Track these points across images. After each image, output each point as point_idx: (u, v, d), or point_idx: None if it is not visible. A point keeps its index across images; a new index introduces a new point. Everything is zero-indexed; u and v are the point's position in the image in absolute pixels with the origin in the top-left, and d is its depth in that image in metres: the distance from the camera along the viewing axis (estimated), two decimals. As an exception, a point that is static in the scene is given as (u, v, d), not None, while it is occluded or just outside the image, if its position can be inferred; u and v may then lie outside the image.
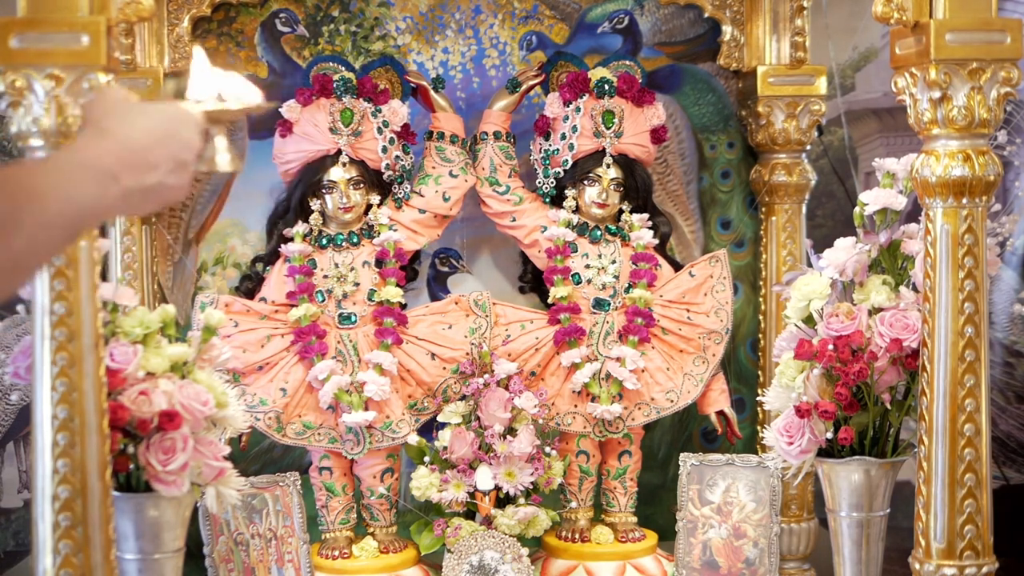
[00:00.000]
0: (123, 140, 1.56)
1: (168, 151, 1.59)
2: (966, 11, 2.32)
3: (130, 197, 1.55)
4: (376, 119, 2.88)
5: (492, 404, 2.81)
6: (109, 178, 1.52)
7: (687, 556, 2.87)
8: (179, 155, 1.61)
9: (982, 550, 2.38)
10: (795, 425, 2.47)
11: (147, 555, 2.32)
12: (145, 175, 1.56)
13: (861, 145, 3.79)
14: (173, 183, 1.60)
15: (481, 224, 3.10)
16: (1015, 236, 3.57)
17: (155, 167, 1.57)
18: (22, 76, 2.09)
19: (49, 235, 1.47)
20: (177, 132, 1.62)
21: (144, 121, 1.60)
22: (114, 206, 1.55)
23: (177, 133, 1.62)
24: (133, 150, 1.56)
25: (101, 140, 1.56)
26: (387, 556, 2.88)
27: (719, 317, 2.97)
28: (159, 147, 1.58)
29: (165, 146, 1.59)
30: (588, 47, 3.18)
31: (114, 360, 2.23)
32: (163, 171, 1.58)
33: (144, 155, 1.57)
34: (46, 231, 1.46)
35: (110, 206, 1.55)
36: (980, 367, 2.36)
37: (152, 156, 1.57)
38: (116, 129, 1.58)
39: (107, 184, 1.52)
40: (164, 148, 1.59)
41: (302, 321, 2.83)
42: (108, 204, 1.54)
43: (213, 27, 3.07)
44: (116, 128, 1.58)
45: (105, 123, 1.59)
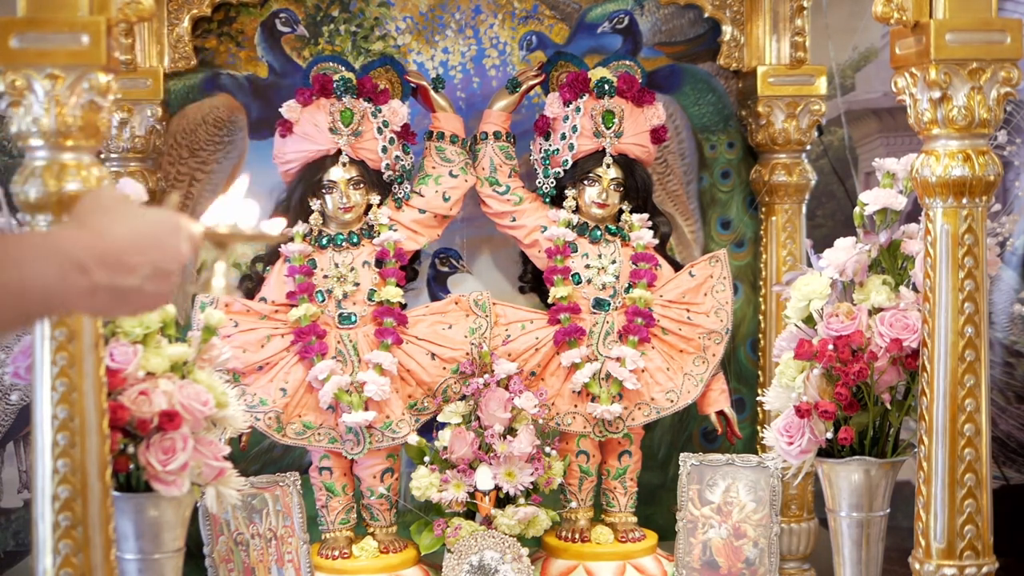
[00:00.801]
0: (103, 236, 1.51)
1: (149, 257, 1.53)
2: (966, 11, 2.32)
3: (99, 294, 1.49)
4: (376, 119, 2.88)
5: (492, 404, 2.81)
6: (76, 268, 1.47)
7: (687, 556, 2.87)
8: (161, 263, 1.54)
9: (982, 550, 2.39)
10: (795, 425, 2.47)
11: (147, 555, 2.32)
12: (119, 276, 1.50)
13: (861, 145, 3.79)
14: (152, 290, 1.54)
15: (481, 224, 3.10)
16: (1015, 236, 3.57)
17: (132, 270, 1.51)
18: (22, 76, 2.09)
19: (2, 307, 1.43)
20: (163, 239, 1.56)
21: (130, 222, 1.54)
22: (81, 299, 1.49)
23: (162, 241, 1.56)
24: (111, 248, 1.50)
25: (78, 231, 1.52)
26: (387, 556, 2.88)
27: (719, 317, 2.97)
28: (139, 251, 1.52)
29: (145, 251, 1.53)
30: (588, 47, 3.18)
31: (114, 360, 2.23)
32: (141, 276, 1.52)
33: (121, 255, 1.51)
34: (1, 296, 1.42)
35: (75, 297, 1.48)
36: (980, 367, 2.36)
37: (130, 258, 1.51)
38: (97, 224, 1.53)
39: (71, 273, 1.46)
40: (144, 253, 1.53)
41: (302, 321, 2.83)
42: (73, 294, 1.48)
43: (213, 27, 3.07)
44: (97, 224, 1.53)
45: (89, 217, 1.54)
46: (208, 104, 3.09)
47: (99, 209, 1.56)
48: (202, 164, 3.10)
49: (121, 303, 1.53)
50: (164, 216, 1.59)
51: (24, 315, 1.48)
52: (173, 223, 1.59)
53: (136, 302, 1.54)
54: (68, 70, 2.10)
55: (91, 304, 1.51)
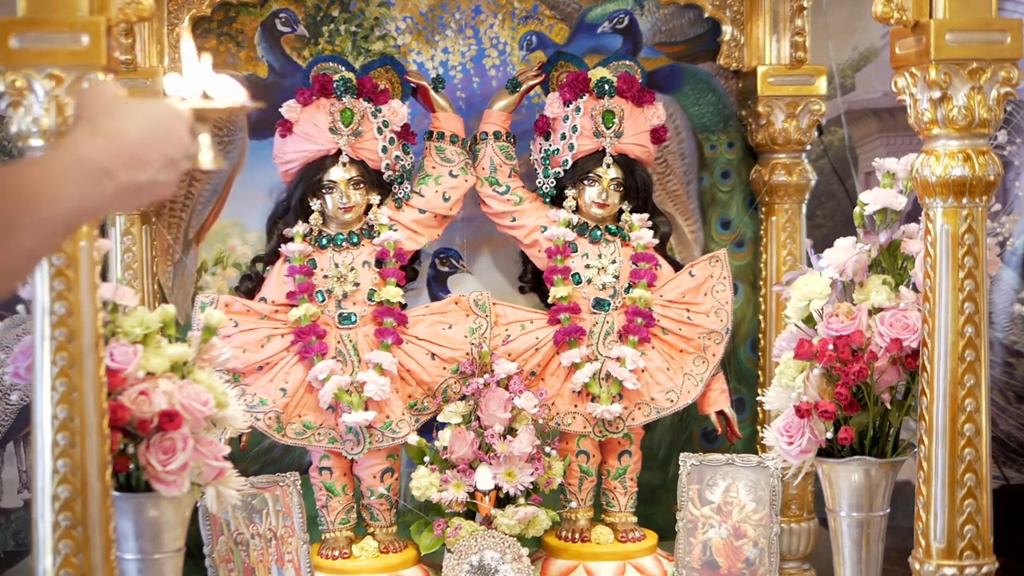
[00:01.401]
0: (118, 137, 1.58)
1: (161, 148, 1.61)
2: (966, 11, 2.32)
3: (124, 193, 1.57)
4: (376, 119, 2.88)
5: (492, 404, 2.81)
6: (104, 175, 1.54)
7: (687, 556, 2.87)
8: (171, 152, 1.62)
9: (982, 550, 2.38)
10: (795, 425, 2.47)
11: (147, 555, 2.32)
12: (139, 172, 1.58)
13: (861, 145, 3.79)
14: (164, 180, 1.62)
15: (481, 224, 3.10)
16: (1015, 236, 3.57)
17: (148, 164, 1.59)
18: (22, 76, 2.09)
19: (47, 233, 1.49)
20: (169, 130, 1.63)
21: (137, 118, 1.61)
22: (109, 202, 1.57)
23: (169, 131, 1.63)
24: (128, 147, 1.57)
25: (95, 137, 1.57)
26: (387, 556, 2.88)
27: (719, 317, 2.97)
28: (152, 144, 1.60)
29: (158, 143, 1.61)
30: (588, 47, 3.18)
31: (114, 360, 2.23)
32: (155, 168, 1.60)
33: (138, 152, 1.58)
34: (44, 230, 1.48)
35: (106, 202, 1.57)
36: (980, 367, 2.36)
37: (146, 153, 1.59)
38: (110, 126, 1.59)
39: (102, 181, 1.54)
40: (157, 146, 1.60)
41: (302, 321, 2.83)
42: (103, 200, 1.56)
43: (213, 27, 3.07)
44: (110, 125, 1.59)
45: (99, 120, 1.60)
46: (208, 104, 3.09)
47: (104, 110, 1.62)
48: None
49: (140, 196, 1.61)
50: (163, 106, 1.66)
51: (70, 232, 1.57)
52: (173, 112, 1.66)
53: (151, 193, 1.62)
54: (68, 70, 2.10)
55: (118, 204, 1.60)
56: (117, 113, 1.61)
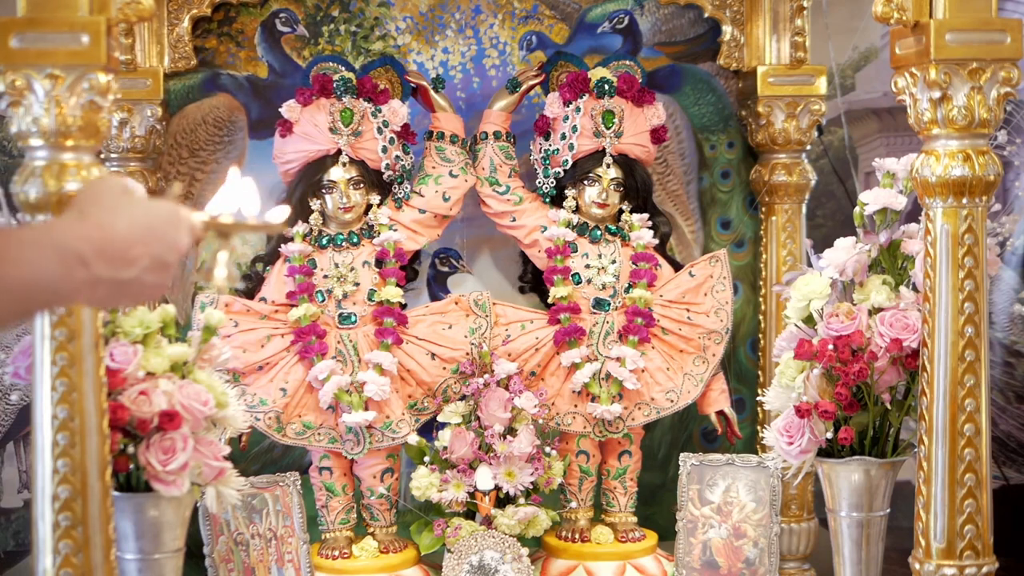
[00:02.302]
0: (102, 228, 1.51)
1: (149, 248, 1.53)
2: (966, 11, 2.32)
3: (99, 287, 1.50)
4: (376, 119, 2.88)
5: (492, 404, 2.81)
6: (77, 261, 1.47)
7: (687, 556, 2.87)
8: (161, 255, 1.54)
9: (982, 550, 2.38)
10: (795, 425, 2.47)
11: (147, 555, 2.32)
12: (120, 268, 1.50)
13: (861, 145, 3.79)
14: (151, 281, 1.54)
15: (481, 224, 3.10)
16: (1015, 236, 3.57)
17: (132, 262, 1.51)
18: (22, 76, 2.09)
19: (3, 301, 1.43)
20: (163, 231, 1.55)
21: (130, 214, 1.54)
22: (80, 291, 1.49)
23: (163, 232, 1.55)
24: (112, 240, 1.50)
25: (79, 224, 1.51)
26: (387, 556, 2.88)
27: (719, 317, 2.97)
28: (140, 243, 1.52)
29: (146, 243, 1.53)
30: (588, 47, 3.18)
31: (114, 360, 2.23)
32: (140, 268, 1.52)
33: (122, 247, 1.51)
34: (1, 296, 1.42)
35: (75, 290, 1.49)
36: (980, 367, 2.36)
37: (131, 250, 1.51)
38: (98, 216, 1.52)
39: (73, 267, 1.47)
40: (145, 245, 1.53)
41: (302, 321, 2.83)
42: (73, 288, 1.48)
43: (213, 27, 3.07)
44: (98, 215, 1.52)
45: (89, 209, 1.54)
46: (208, 104, 3.09)
47: (99, 200, 1.56)
48: (202, 164, 3.10)
49: (120, 294, 1.54)
50: (164, 207, 1.59)
51: (27, 309, 1.48)
52: (173, 214, 1.58)
53: (135, 293, 1.54)
54: (68, 70, 2.10)
55: (91, 296, 1.51)
56: (110, 205, 1.54)
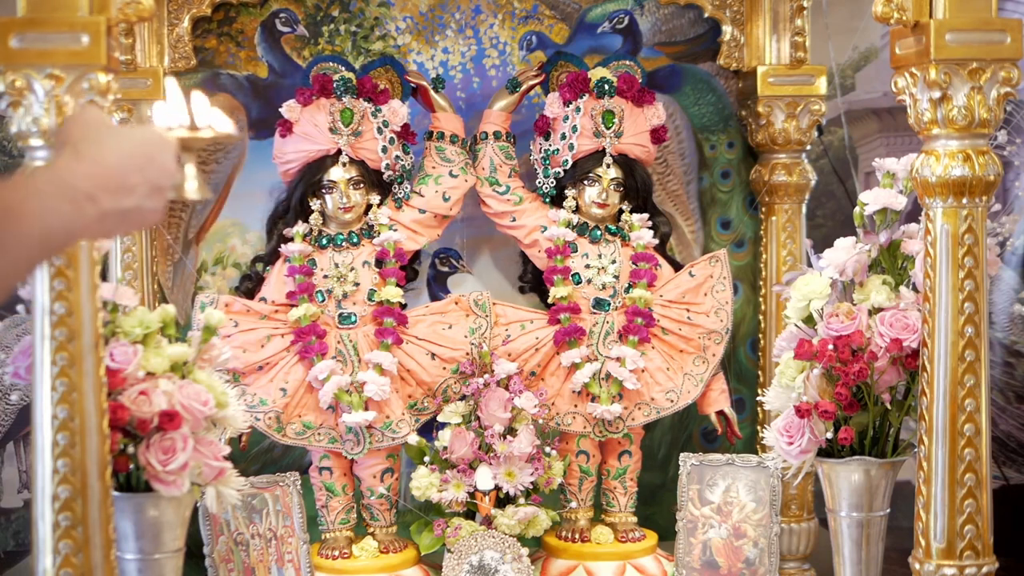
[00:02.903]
0: (101, 163, 1.56)
1: (145, 175, 1.59)
2: (966, 11, 2.32)
3: (106, 219, 1.55)
4: (376, 119, 2.88)
5: (492, 404, 2.81)
6: (86, 200, 1.52)
7: (687, 556, 2.87)
8: (156, 179, 1.61)
9: (982, 550, 2.38)
10: (795, 425, 2.47)
11: (147, 555, 2.32)
12: (122, 198, 1.56)
13: (861, 145, 3.79)
14: (149, 207, 1.60)
15: (481, 224, 3.10)
16: (1015, 236, 3.57)
17: (132, 190, 1.57)
18: (22, 76, 2.09)
19: (26, 254, 1.48)
20: (154, 156, 1.62)
21: (122, 144, 1.60)
22: (90, 227, 1.55)
23: (154, 157, 1.62)
24: (111, 173, 1.56)
25: (79, 162, 1.56)
26: (387, 556, 2.88)
27: (719, 317, 2.97)
28: (136, 171, 1.58)
29: (142, 170, 1.59)
30: (588, 47, 3.18)
31: (114, 360, 2.23)
32: (140, 194, 1.58)
33: (122, 178, 1.57)
34: (24, 250, 1.47)
35: (86, 227, 1.55)
36: (980, 367, 2.36)
37: (130, 179, 1.57)
38: (94, 152, 1.58)
39: (84, 205, 1.52)
40: (141, 172, 1.59)
41: (302, 321, 2.83)
42: (84, 225, 1.54)
43: (213, 27, 3.07)
44: (94, 151, 1.58)
45: (82, 145, 1.59)
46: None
47: (89, 135, 1.61)
48: (202, 164, 3.09)
49: (124, 223, 1.60)
50: (148, 133, 1.65)
51: (47, 255, 1.56)
52: (158, 139, 1.65)
53: (137, 220, 1.60)
54: (68, 70, 2.10)
55: (101, 229, 1.57)
56: (100, 139, 1.60)
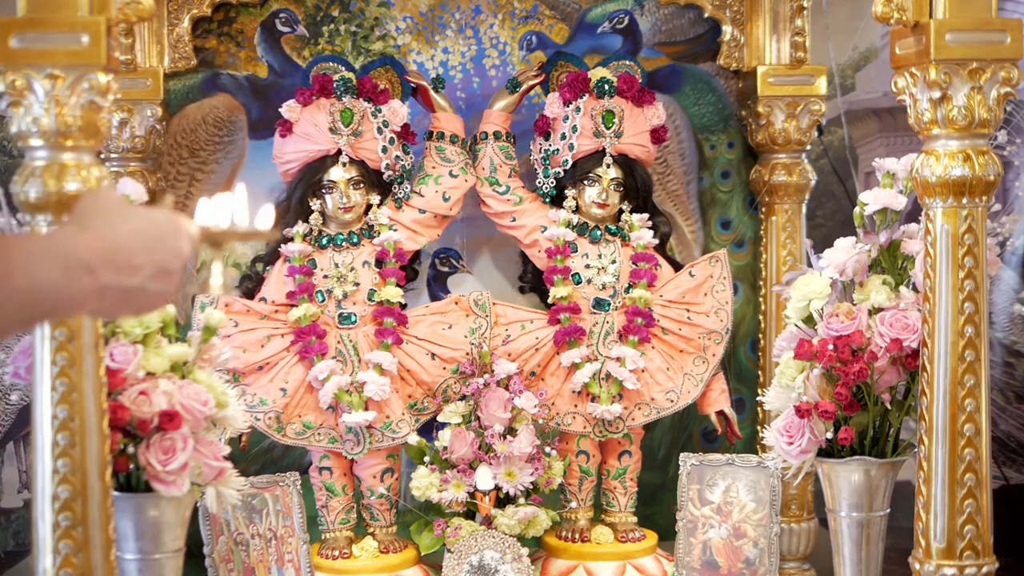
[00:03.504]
0: (106, 237, 1.52)
1: (153, 256, 1.54)
2: (966, 11, 2.32)
3: (106, 295, 1.51)
4: (376, 119, 2.88)
5: (492, 404, 2.81)
6: (83, 269, 1.48)
7: (687, 556, 2.87)
8: (165, 262, 1.56)
9: (982, 550, 2.38)
10: (795, 425, 2.47)
11: (147, 555, 2.32)
12: (125, 276, 1.51)
13: (861, 145, 3.79)
14: (156, 289, 1.55)
15: (481, 224, 3.10)
16: (1015, 236, 3.57)
17: (137, 270, 1.52)
18: (22, 76, 2.09)
19: (9, 310, 1.43)
20: (165, 239, 1.57)
21: (132, 223, 1.55)
22: (87, 300, 1.50)
23: (165, 240, 1.57)
24: (115, 248, 1.51)
25: (82, 233, 1.52)
26: (387, 556, 2.88)
27: (719, 317, 2.97)
28: (144, 251, 1.54)
29: (150, 250, 1.54)
30: (588, 47, 3.18)
31: (114, 360, 2.23)
32: (145, 275, 1.53)
33: (126, 255, 1.52)
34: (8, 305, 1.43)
35: (82, 299, 1.49)
36: (980, 367, 2.36)
37: (135, 258, 1.52)
38: (101, 225, 1.53)
39: (79, 275, 1.47)
40: (149, 252, 1.54)
41: (302, 321, 2.83)
42: (79, 296, 1.49)
43: (213, 27, 3.07)
44: (101, 225, 1.54)
45: (91, 219, 1.55)
46: (208, 104, 3.09)
47: (101, 209, 1.57)
48: (202, 164, 3.10)
49: (126, 303, 1.54)
50: (164, 215, 1.60)
51: (32, 318, 1.48)
52: (174, 222, 1.60)
53: (140, 302, 1.55)
54: (68, 70, 2.10)
55: (97, 305, 1.52)
56: (111, 215, 1.56)
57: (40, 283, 1.44)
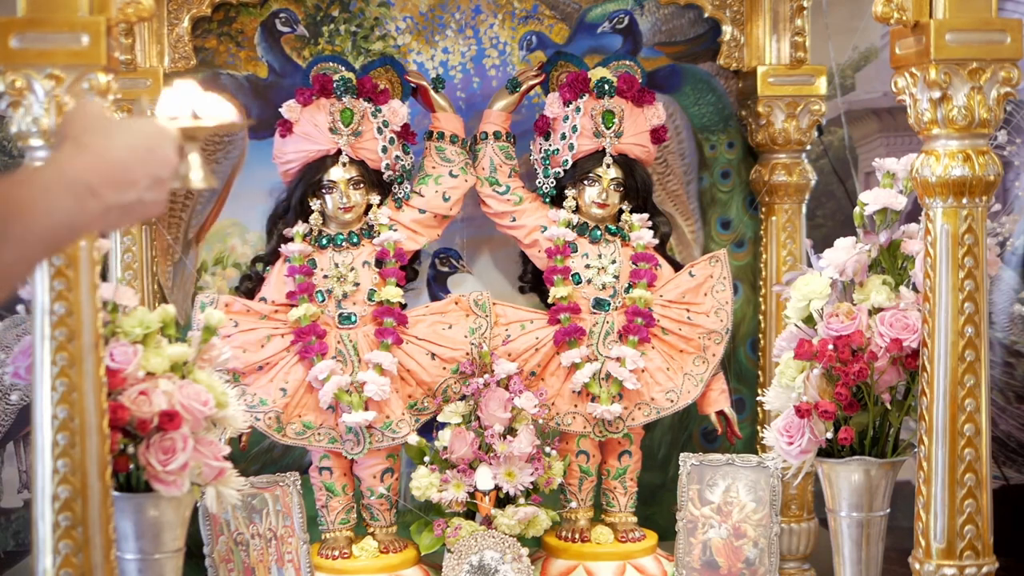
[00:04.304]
0: (103, 156, 1.56)
1: (147, 168, 1.59)
2: (966, 11, 2.32)
3: (109, 213, 1.55)
4: (376, 119, 2.88)
5: (492, 404, 2.81)
6: (88, 193, 1.52)
7: (687, 556, 2.87)
8: (157, 172, 1.60)
9: (982, 550, 2.39)
10: (795, 425, 2.47)
11: (147, 555, 2.32)
12: (125, 191, 1.56)
13: (861, 145, 3.79)
14: (151, 199, 1.60)
15: (481, 224, 3.10)
16: (1015, 236, 3.57)
17: (134, 183, 1.57)
18: (22, 76, 2.09)
19: (31, 248, 1.47)
20: (156, 149, 1.61)
21: (123, 137, 1.59)
22: (93, 221, 1.55)
23: (156, 150, 1.61)
24: (113, 166, 1.55)
25: (81, 155, 1.55)
26: (387, 556, 2.88)
27: (719, 317, 2.97)
28: (138, 164, 1.58)
29: (144, 163, 1.59)
30: (588, 47, 3.18)
31: (114, 360, 2.23)
32: (142, 187, 1.58)
33: (124, 171, 1.56)
34: (29, 244, 1.46)
35: (90, 221, 1.54)
36: (980, 367, 2.36)
37: (132, 173, 1.57)
38: (96, 145, 1.57)
39: (86, 199, 1.52)
40: (143, 165, 1.58)
41: (302, 321, 2.83)
42: (88, 219, 1.53)
43: (213, 27, 3.07)
44: (96, 144, 1.57)
45: (84, 138, 1.58)
46: (208, 104, 3.09)
47: (90, 128, 1.60)
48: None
49: (126, 216, 1.59)
50: (150, 126, 1.65)
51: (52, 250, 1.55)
52: (160, 131, 1.64)
53: (138, 212, 1.60)
54: (68, 70, 2.10)
55: (102, 223, 1.57)
56: (102, 132, 1.59)
57: (58, 217, 1.49)
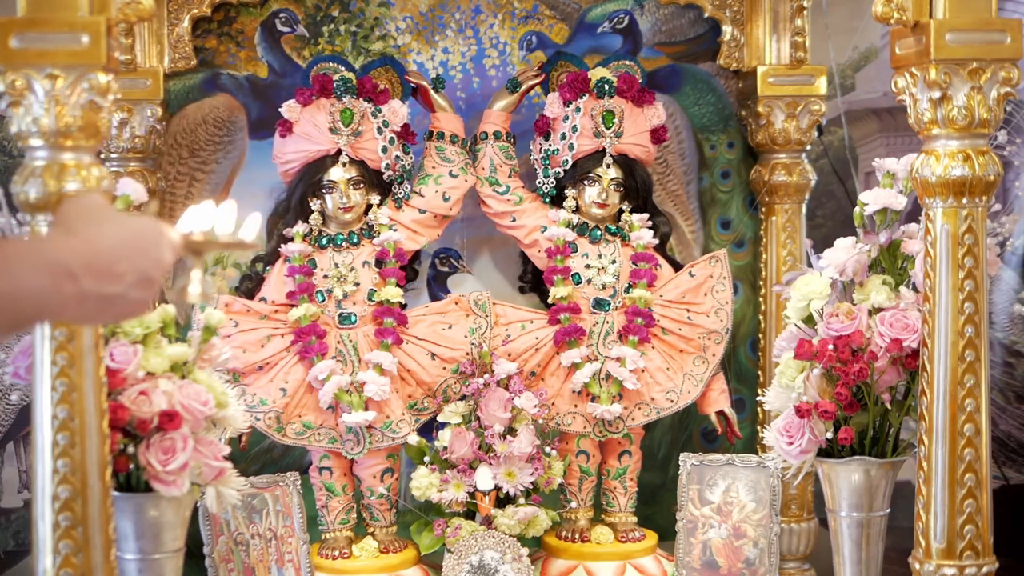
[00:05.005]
0: (89, 243, 1.52)
1: (135, 263, 1.55)
2: (966, 11, 2.32)
3: (87, 301, 1.51)
4: (376, 119, 2.88)
5: (492, 404, 2.81)
6: (66, 276, 1.48)
7: (687, 556, 2.87)
8: (146, 270, 1.56)
9: (982, 550, 2.39)
10: (795, 425, 2.47)
11: (147, 555, 2.32)
12: (107, 283, 1.52)
13: (861, 145, 3.79)
14: (136, 297, 1.56)
15: (481, 224, 3.10)
16: (1015, 236, 3.57)
17: (119, 277, 1.53)
18: (22, 76, 2.09)
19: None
20: (149, 247, 1.58)
21: (115, 229, 1.56)
22: (68, 306, 1.50)
23: (148, 248, 1.58)
24: (98, 254, 1.52)
25: (66, 238, 1.53)
26: (387, 556, 2.88)
27: (719, 317, 2.97)
28: (126, 258, 1.54)
29: (132, 258, 1.55)
30: (588, 47, 3.18)
31: (114, 360, 2.23)
32: (127, 283, 1.54)
33: (109, 263, 1.52)
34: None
35: (63, 304, 1.49)
36: (980, 367, 2.36)
37: (117, 266, 1.53)
38: (85, 232, 1.54)
39: (63, 281, 1.48)
40: (131, 260, 1.55)
41: (302, 321, 2.83)
42: (61, 301, 1.49)
43: (213, 27, 3.07)
44: (85, 231, 1.54)
45: (75, 225, 1.55)
46: (208, 104, 3.09)
47: (85, 214, 1.57)
48: (202, 164, 3.10)
49: (106, 310, 1.55)
50: (147, 223, 1.61)
51: (16, 322, 1.49)
52: (156, 231, 1.60)
53: (120, 308, 1.56)
54: (68, 70, 2.10)
55: (78, 311, 1.52)
56: (95, 222, 1.56)
57: (24, 287, 1.45)
